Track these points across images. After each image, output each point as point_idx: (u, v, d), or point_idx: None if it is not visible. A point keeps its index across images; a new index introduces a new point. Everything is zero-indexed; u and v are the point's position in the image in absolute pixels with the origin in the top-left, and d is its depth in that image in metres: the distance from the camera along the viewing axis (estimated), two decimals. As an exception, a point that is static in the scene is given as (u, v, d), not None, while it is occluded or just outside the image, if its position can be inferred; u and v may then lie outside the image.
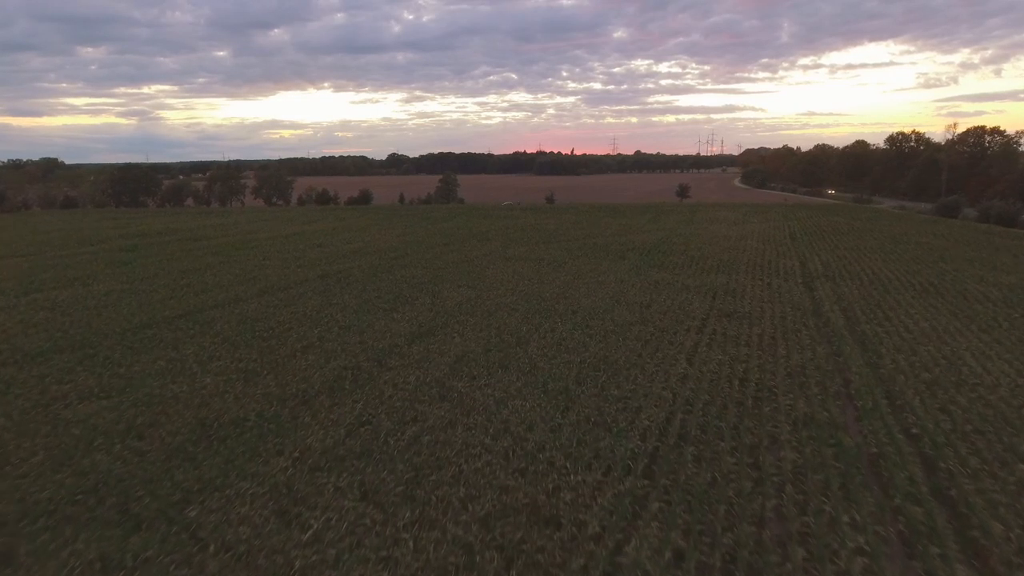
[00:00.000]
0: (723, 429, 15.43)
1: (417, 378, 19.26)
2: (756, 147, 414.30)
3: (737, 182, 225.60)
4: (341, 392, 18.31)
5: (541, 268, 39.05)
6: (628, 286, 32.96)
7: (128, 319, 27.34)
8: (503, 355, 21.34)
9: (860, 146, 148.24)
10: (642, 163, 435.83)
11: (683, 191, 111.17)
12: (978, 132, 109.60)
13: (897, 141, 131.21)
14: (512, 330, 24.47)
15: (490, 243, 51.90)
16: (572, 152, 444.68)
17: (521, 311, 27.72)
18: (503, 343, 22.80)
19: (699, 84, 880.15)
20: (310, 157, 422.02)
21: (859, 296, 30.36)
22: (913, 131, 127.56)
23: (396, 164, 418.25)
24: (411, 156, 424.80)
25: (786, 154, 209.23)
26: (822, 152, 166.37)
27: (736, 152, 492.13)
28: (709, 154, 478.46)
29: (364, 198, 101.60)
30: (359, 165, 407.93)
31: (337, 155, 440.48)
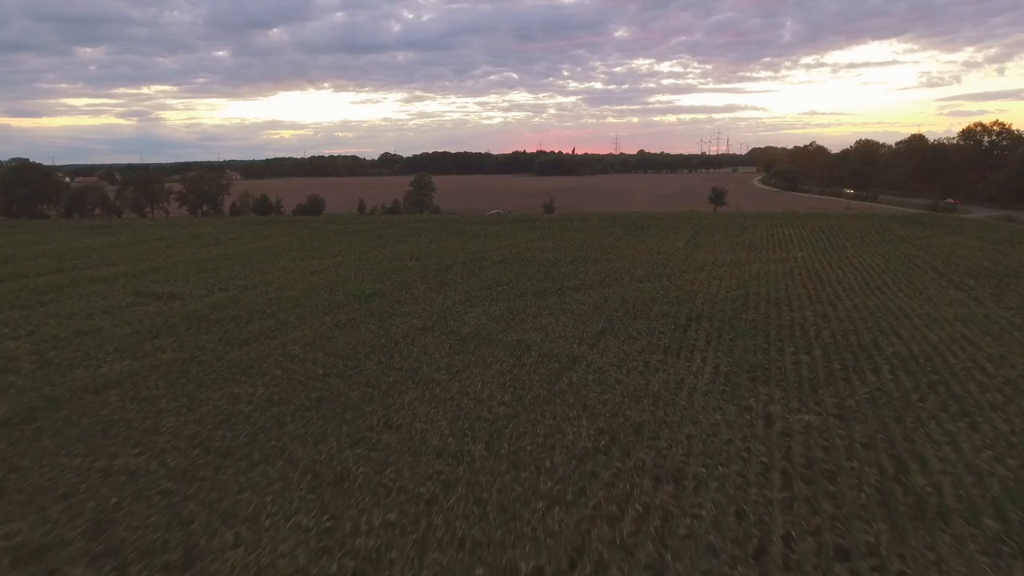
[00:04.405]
0: None
1: None
2: (762, 146, 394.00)
3: (757, 182, 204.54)
4: None
5: (523, 377, 18.27)
6: (752, 479, 12.17)
7: None
8: None
9: (919, 140, 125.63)
10: (647, 163, 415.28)
11: (718, 197, 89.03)
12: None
13: (974, 135, 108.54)
14: None
15: (447, 291, 31.11)
16: (573, 152, 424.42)
17: None
18: None
19: (701, 83, 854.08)
20: (298, 157, 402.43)
21: None
22: (995, 123, 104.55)
23: (389, 164, 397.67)
24: (405, 156, 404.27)
25: (815, 152, 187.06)
26: (870, 149, 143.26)
27: (740, 151, 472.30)
28: (712, 153, 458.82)
29: (314, 206, 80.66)
30: (349, 165, 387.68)
31: (327, 155, 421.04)
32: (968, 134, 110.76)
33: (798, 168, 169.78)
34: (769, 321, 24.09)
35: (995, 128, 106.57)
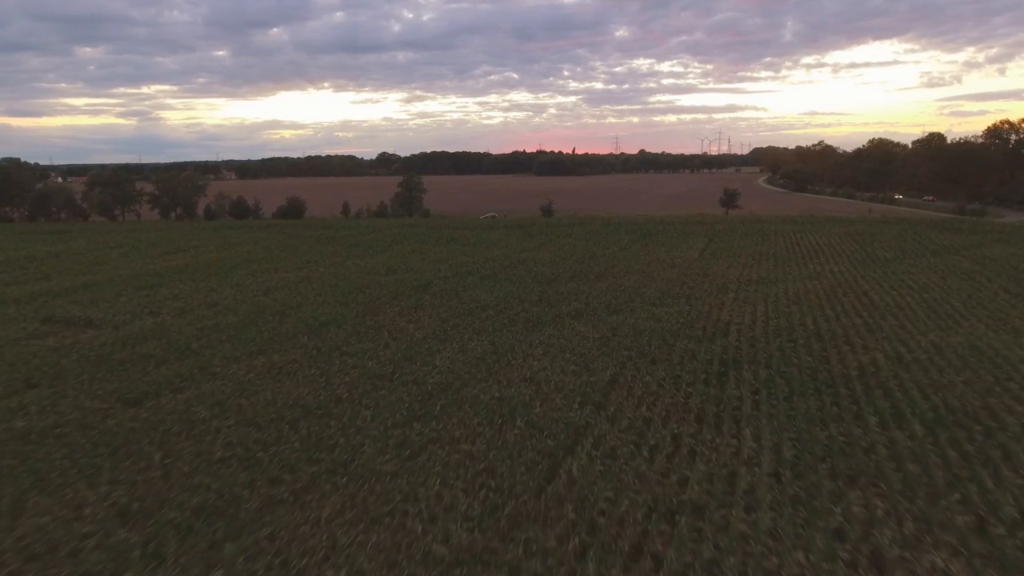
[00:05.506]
0: None
1: None
2: (764, 146, 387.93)
3: (763, 183, 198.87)
4: None
5: (501, 469, 12.70)
6: None
7: None
8: None
9: (938, 140, 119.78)
10: (648, 163, 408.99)
11: (730, 199, 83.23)
12: None
13: (1000, 134, 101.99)
14: None
15: (420, 317, 25.52)
16: (573, 152, 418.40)
17: None
18: None
19: (701, 83, 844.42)
20: (295, 157, 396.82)
21: None
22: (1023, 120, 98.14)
23: (387, 164, 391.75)
24: (403, 156, 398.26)
25: (823, 152, 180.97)
26: (886, 149, 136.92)
27: (741, 151, 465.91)
28: (713, 153, 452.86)
29: (294, 209, 75.04)
30: (346, 165, 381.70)
31: (324, 155, 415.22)
32: (994, 132, 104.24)
33: (807, 168, 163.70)
34: (831, 369, 18.46)
35: (1023, 125, 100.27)
